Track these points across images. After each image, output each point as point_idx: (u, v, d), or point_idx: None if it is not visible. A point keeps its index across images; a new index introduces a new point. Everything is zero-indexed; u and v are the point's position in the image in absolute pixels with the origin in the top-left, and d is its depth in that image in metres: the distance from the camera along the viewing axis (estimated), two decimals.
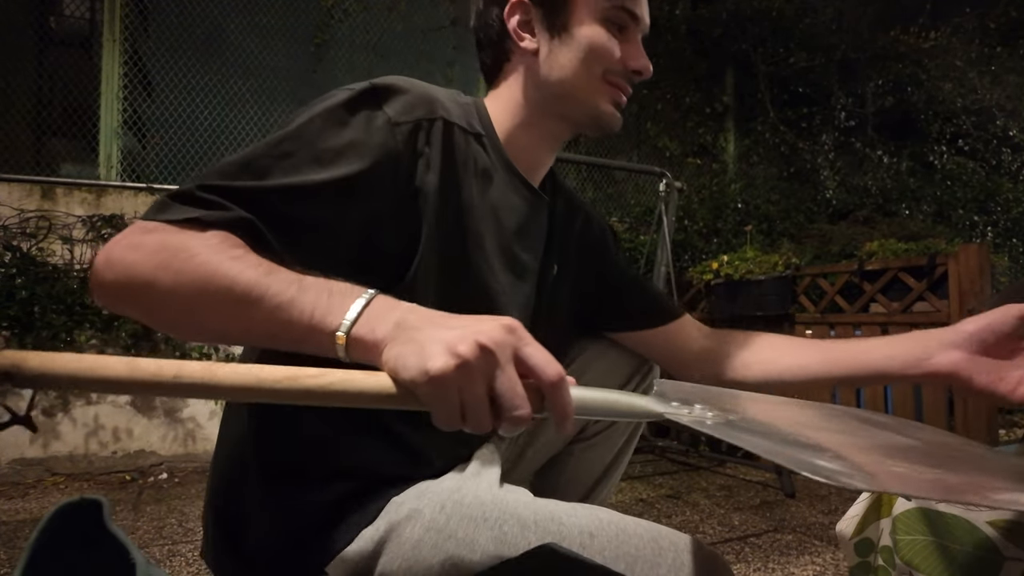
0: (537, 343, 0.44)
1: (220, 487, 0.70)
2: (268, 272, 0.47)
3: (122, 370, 0.37)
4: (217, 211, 0.51)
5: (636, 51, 0.72)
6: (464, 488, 0.65)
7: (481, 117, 0.73)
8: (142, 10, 3.07)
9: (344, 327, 0.44)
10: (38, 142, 2.91)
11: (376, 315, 0.45)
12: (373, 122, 0.60)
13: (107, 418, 2.65)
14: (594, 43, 0.70)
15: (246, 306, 0.46)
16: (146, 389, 0.38)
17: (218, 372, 0.39)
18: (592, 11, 0.70)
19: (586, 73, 0.70)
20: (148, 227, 0.50)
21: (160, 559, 1.63)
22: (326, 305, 0.45)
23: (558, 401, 0.43)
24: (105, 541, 0.78)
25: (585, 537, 0.60)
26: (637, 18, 0.71)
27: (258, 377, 0.39)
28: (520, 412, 0.42)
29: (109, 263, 0.49)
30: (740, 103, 4.48)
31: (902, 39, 4.39)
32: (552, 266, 0.82)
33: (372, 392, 0.41)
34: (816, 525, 1.90)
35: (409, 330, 0.43)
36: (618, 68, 0.71)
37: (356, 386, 0.41)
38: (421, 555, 0.59)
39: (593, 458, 0.91)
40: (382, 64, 3.49)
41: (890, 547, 0.90)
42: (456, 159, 0.66)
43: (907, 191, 4.16)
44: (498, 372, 0.42)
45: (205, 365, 0.39)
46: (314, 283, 0.47)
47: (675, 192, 2.68)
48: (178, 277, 0.47)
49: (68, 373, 0.37)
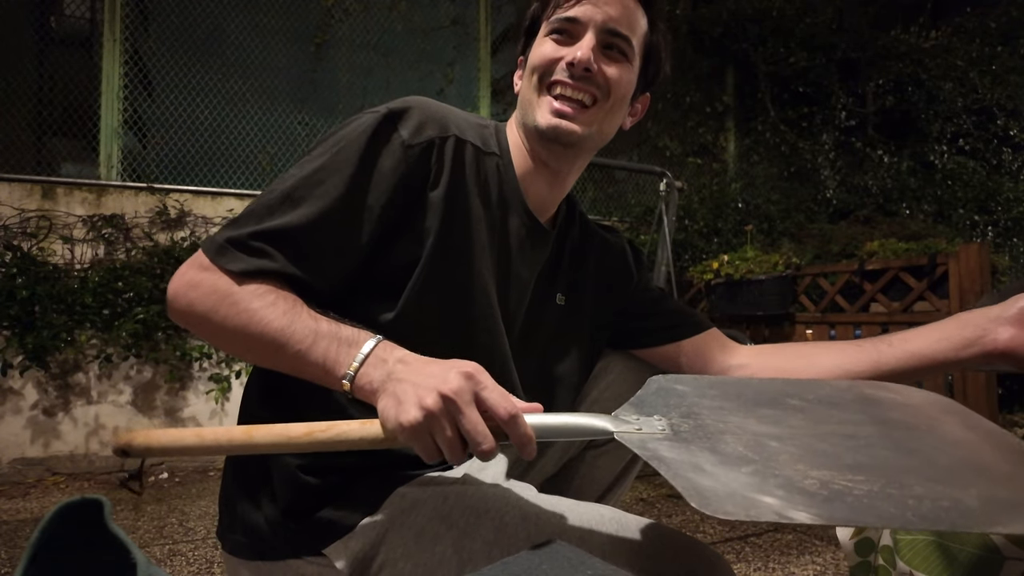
0: (494, 384, 0.52)
1: (231, 469, 0.73)
2: (292, 322, 0.58)
3: (192, 440, 0.52)
4: (260, 261, 0.61)
5: (580, 46, 0.72)
6: (467, 480, 0.66)
7: (500, 141, 0.76)
8: (142, 10, 3.07)
9: (348, 377, 0.56)
10: (39, 142, 2.91)
11: (373, 366, 0.55)
12: (390, 146, 0.66)
13: (108, 418, 2.65)
14: (534, 58, 0.74)
15: (274, 350, 0.58)
16: (216, 451, 0.53)
17: (255, 434, 0.51)
18: (542, 34, 0.75)
19: (528, 88, 0.75)
20: (205, 265, 0.62)
21: (160, 559, 1.63)
22: (335, 355, 0.57)
23: (515, 432, 0.51)
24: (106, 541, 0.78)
25: (586, 532, 0.60)
26: (576, 20, 0.72)
27: (286, 435, 0.51)
28: (483, 447, 0.50)
29: (176, 295, 0.62)
30: (740, 103, 4.48)
31: (902, 38, 4.39)
32: (555, 295, 0.83)
33: (369, 438, 0.52)
34: (817, 525, 1.90)
35: (394, 382, 0.53)
36: (553, 68, 0.72)
37: (356, 435, 0.52)
38: (423, 544, 0.60)
39: (604, 465, 0.91)
40: (382, 64, 3.49)
41: (890, 547, 0.90)
42: (466, 174, 0.70)
43: (907, 191, 4.16)
44: (460, 417, 0.50)
45: (245, 429, 0.52)
46: (327, 332, 0.58)
47: (675, 191, 2.68)
48: (225, 320, 0.60)
49: (163, 445, 0.52)
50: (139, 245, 2.75)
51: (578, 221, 0.87)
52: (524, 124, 0.76)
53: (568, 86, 0.72)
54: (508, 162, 0.75)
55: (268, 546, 0.66)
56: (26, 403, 2.56)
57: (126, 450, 0.51)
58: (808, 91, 4.43)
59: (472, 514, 0.61)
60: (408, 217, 0.67)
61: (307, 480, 0.65)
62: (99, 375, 2.65)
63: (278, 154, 3.17)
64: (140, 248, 2.74)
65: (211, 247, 0.62)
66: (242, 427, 0.52)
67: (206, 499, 2.23)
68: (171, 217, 2.83)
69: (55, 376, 2.59)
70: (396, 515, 0.62)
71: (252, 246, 0.61)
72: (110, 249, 2.72)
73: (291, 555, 0.65)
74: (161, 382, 2.73)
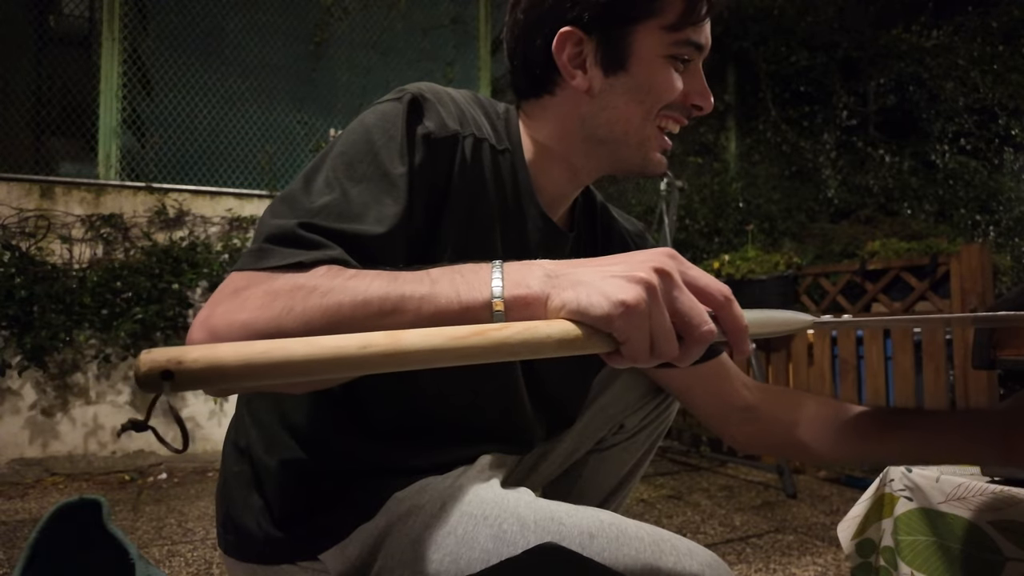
0: (694, 266, 0.45)
1: (226, 469, 0.72)
2: (392, 278, 0.46)
3: (301, 350, 0.34)
4: (316, 251, 0.50)
5: (699, 84, 0.65)
6: (465, 486, 0.65)
7: (511, 133, 0.69)
8: (141, 9, 3.07)
9: (496, 293, 0.44)
10: (37, 141, 2.90)
11: (518, 275, 0.45)
12: (419, 138, 0.60)
13: (106, 418, 2.65)
14: (655, 83, 0.63)
15: (386, 315, 0.45)
16: (329, 367, 0.35)
17: (404, 339, 0.36)
18: (655, 46, 0.62)
19: (641, 116, 0.64)
20: (240, 283, 0.48)
21: (159, 559, 1.62)
22: (467, 284, 0.45)
23: (730, 316, 0.44)
24: (104, 541, 0.78)
25: (585, 538, 0.59)
26: (702, 48, 0.64)
27: (448, 337, 0.37)
28: (705, 328, 0.42)
29: (215, 329, 0.45)
30: (742, 102, 4.48)
31: (904, 38, 4.38)
32: None
33: (556, 338, 0.41)
34: (818, 526, 1.90)
35: (566, 276, 0.44)
36: (677, 103, 0.65)
37: (540, 334, 0.40)
38: (420, 551, 0.59)
39: (608, 470, 0.90)
40: (382, 63, 3.48)
41: (892, 548, 0.90)
42: (484, 175, 0.65)
43: (909, 190, 4.15)
44: (677, 294, 0.42)
45: (389, 334, 0.36)
46: (438, 272, 0.47)
47: (676, 191, 2.67)
48: (304, 316, 0.45)
49: (240, 362, 0.32)
50: (138, 245, 2.74)
51: (598, 216, 0.82)
52: (611, 141, 0.66)
53: (681, 124, 0.66)
54: (520, 157, 0.69)
55: (263, 550, 0.65)
56: (24, 403, 2.55)
57: (172, 371, 0.31)
58: (809, 90, 4.43)
59: (470, 521, 0.60)
60: (428, 211, 0.61)
61: (302, 485, 0.64)
62: (97, 375, 2.65)
63: (277, 153, 3.16)
64: (139, 248, 2.74)
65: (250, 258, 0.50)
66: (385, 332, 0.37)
67: (205, 500, 2.23)
68: (170, 217, 2.82)
69: (53, 376, 2.58)
70: (393, 522, 0.61)
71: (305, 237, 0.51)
72: (108, 249, 2.72)
73: (286, 560, 0.64)
74: None
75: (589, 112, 0.66)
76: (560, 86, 0.66)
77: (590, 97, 0.65)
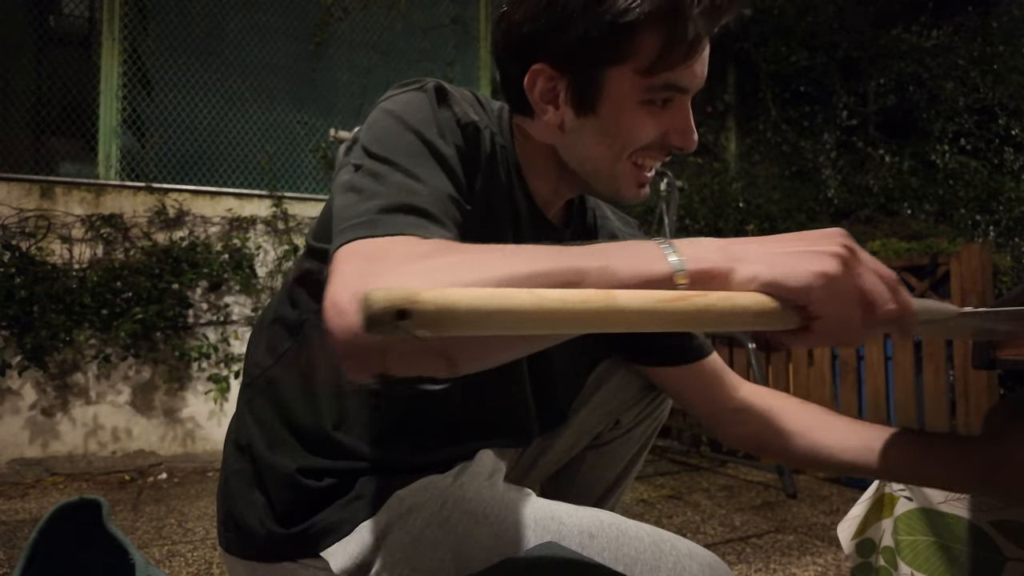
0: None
1: (227, 466, 0.72)
2: (559, 252, 0.43)
3: (528, 300, 0.33)
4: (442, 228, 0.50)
5: (681, 122, 0.62)
6: (466, 484, 0.65)
7: (503, 131, 0.69)
8: (141, 8, 3.07)
9: (677, 266, 0.43)
10: (37, 141, 2.90)
11: (693, 250, 0.44)
12: (452, 125, 0.60)
13: (106, 418, 2.65)
14: (623, 128, 0.61)
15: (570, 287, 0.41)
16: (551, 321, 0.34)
17: (618, 298, 0.36)
18: (628, 90, 0.59)
19: (610, 158, 0.63)
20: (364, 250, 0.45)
21: (159, 559, 1.62)
22: (642, 259, 0.43)
23: (902, 298, 0.43)
24: (104, 541, 0.78)
25: (585, 538, 0.60)
26: (686, 90, 0.61)
27: (657, 299, 0.37)
28: (891, 306, 0.42)
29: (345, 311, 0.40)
30: (741, 102, 4.48)
31: (904, 37, 4.38)
32: None
33: (754, 310, 0.40)
34: (818, 525, 1.90)
35: (747, 250, 0.43)
36: (655, 143, 0.63)
37: (738, 304, 0.40)
38: (421, 549, 0.59)
39: (605, 464, 0.90)
40: (382, 63, 3.48)
41: (892, 548, 0.90)
42: (495, 166, 0.66)
43: (909, 190, 4.16)
44: (862, 271, 0.42)
45: (605, 292, 0.36)
46: (606, 247, 0.45)
47: (676, 191, 2.68)
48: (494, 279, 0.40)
49: (471, 307, 0.32)
50: (138, 245, 2.74)
51: (589, 213, 0.82)
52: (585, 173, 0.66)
53: (660, 160, 0.65)
54: (513, 155, 0.70)
55: (264, 547, 0.65)
56: (24, 403, 2.55)
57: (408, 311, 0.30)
58: (809, 90, 4.43)
59: (471, 520, 0.60)
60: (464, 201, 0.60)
61: (303, 482, 0.64)
62: (98, 375, 2.65)
63: (277, 153, 3.16)
64: (139, 248, 2.74)
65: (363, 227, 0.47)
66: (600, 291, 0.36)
67: (205, 500, 2.23)
68: (170, 217, 2.82)
69: (54, 376, 2.58)
70: (394, 519, 0.62)
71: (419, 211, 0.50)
72: (109, 249, 2.72)
73: (287, 557, 0.64)
74: (160, 382, 2.73)
75: (561, 144, 0.66)
76: (536, 115, 0.65)
77: (562, 132, 0.64)
